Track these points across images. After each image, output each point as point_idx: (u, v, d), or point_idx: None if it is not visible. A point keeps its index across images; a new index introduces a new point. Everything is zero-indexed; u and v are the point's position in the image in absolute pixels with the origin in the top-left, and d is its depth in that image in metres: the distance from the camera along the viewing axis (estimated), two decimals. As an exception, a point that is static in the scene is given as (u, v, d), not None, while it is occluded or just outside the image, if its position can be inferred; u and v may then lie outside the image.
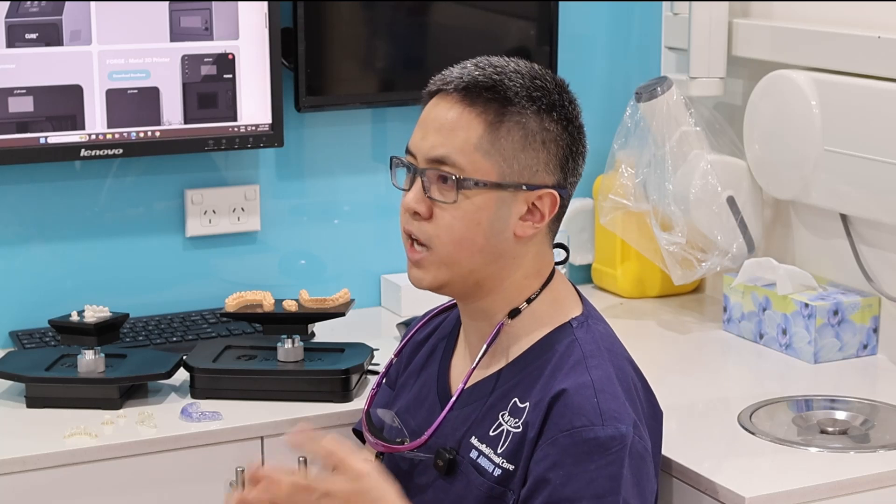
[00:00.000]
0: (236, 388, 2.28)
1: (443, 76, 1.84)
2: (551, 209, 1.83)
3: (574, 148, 1.85)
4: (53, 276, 2.60)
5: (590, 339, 1.83)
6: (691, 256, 2.65)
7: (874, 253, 2.50)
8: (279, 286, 2.71)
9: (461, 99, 1.81)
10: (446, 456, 1.85)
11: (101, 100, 2.49)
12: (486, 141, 1.79)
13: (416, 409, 1.95)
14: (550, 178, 1.83)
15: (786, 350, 2.51)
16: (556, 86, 1.85)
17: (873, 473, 1.99)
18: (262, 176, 2.72)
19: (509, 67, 1.83)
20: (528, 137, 1.80)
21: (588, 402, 1.75)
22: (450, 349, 1.98)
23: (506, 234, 1.82)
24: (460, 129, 1.80)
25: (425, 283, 1.86)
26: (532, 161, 1.81)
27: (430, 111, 1.84)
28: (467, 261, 1.82)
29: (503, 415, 1.83)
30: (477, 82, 1.80)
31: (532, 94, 1.81)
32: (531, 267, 1.86)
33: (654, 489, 1.82)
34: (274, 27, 2.58)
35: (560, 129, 1.83)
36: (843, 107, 2.44)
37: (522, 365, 1.85)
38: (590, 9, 2.93)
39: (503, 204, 1.81)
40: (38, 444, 2.10)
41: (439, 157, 1.80)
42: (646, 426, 1.81)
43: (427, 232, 1.82)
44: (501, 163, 1.80)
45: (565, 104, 1.84)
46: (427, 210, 1.82)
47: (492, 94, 1.80)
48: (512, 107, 1.80)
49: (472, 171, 1.79)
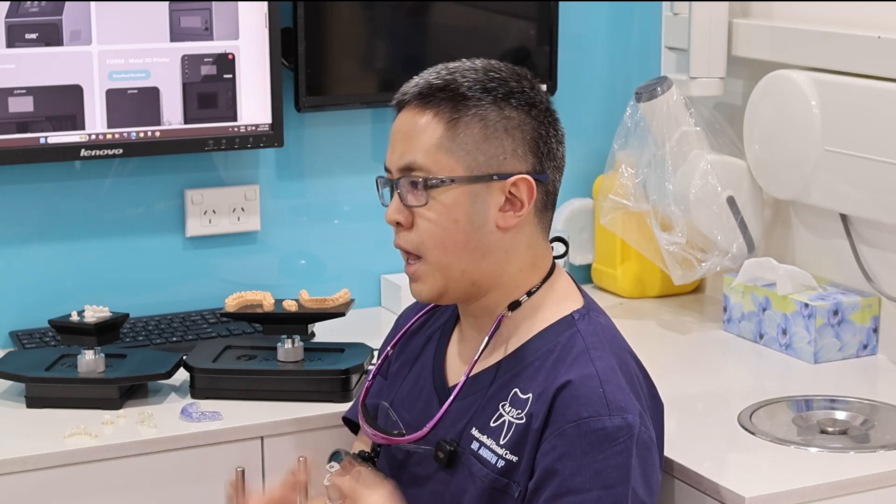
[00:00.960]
0: (236, 388, 2.28)
1: (402, 89, 1.88)
2: (529, 195, 1.83)
3: (543, 131, 1.86)
4: (53, 276, 2.60)
5: (592, 331, 1.84)
6: (691, 256, 2.65)
7: (874, 253, 2.50)
8: (279, 286, 2.71)
9: (418, 104, 1.84)
10: (447, 448, 1.86)
11: (101, 100, 2.49)
12: (447, 139, 1.81)
13: (412, 401, 1.95)
14: (521, 164, 1.83)
15: (786, 350, 2.51)
16: (514, 74, 1.86)
17: (873, 473, 1.99)
18: (262, 176, 2.72)
19: (464, 66, 1.86)
20: (488, 128, 1.82)
21: (594, 393, 1.76)
22: (445, 340, 1.98)
23: (488, 227, 1.83)
24: (422, 132, 1.83)
25: (424, 295, 1.88)
26: (497, 150, 1.82)
27: (396, 125, 1.87)
28: (457, 261, 1.83)
29: (504, 405, 1.83)
30: (431, 85, 1.84)
31: (487, 86, 1.83)
32: (525, 259, 1.87)
33: (659, 479, 1.83)
34: (274, 27, 2.58)
35: (522, 114, 1.84)
36: (843, 107, 2.44)
37: (522, 356, 1.85)
38: (590, 9, 2.93)
39: (477, 198, 1.82)
40: (38, 444, 2.10)
41: (407, 164, 1.84)
42: (650, 417, 1.82)
43: (412, 241, 1.85)
44: (465, 157, 1.81)
45: (525, 90, 1.85)
46: (407, 219, 1.84)
47: (445, 94, 1.83)
48: (467, 101, 1.82)
49: (438, 171, 1.82)
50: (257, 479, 2.19)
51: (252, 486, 2.16)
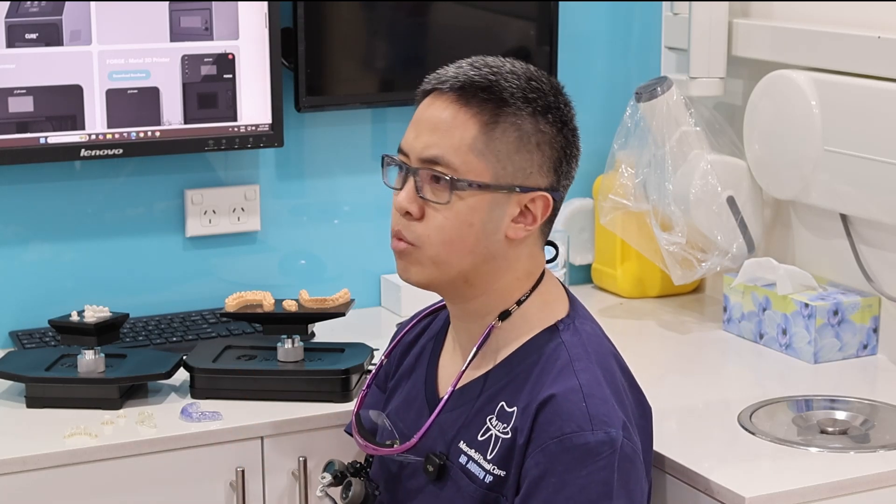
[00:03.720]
0: (236, 388, 2.28)
1: (438, 75, 1.83)
2: (544, 212, 1.83)
3: (568, 151, 1.85)
4: (53, 276, 2.60)
5: (576, 342, 1.83)
6: (691, 256, 2.65)
7: (874, 253, 2.50)
8: (279, 286, 2.71)
9: (456, 99, 1.79)
10: (436, 461, 1.85)
11: (101, 100, 2.49)
12: (481, 142, 1.78)
13: (405, 412, 1.95)
14: (544, 180, 1.82)
15: (786, 350, 2.51)
16: (552, 88, 1.84)
17: (873, 473, 1.99)
18: (262, 176, 2.72)
19: (505, 68, 1.82)
20: (522, 139, 1.80)
21: (577, 408, 1.74)
22: (437, 350, 1.97)
23: (497, 235, 1.81)
24: (455, 129, 1.79)
25: (413, 278, 1.84)
26: (526, 163, 1.80)
27: (424, 110, 1.82)
28: (457, 261, 1.81)
29: (491, 419, 1.82)
30: (473, 82, 1.79)
31: (528, 96, 1.80)
32: (523, 269, 1.86)
33: (644, 490, 1.82)
34: (274, 27, 2.58)
35: (555, 131, 1.82)
36: (843, 107, 2.44)
37: (509, 368, 1.84)
38: (590, 9, 2.93)
39: (496, 205, 1.80)
40: (38, 444, 2.10)
41: (433, 157, 1.79)
42: (635, 425, 1.81)
43: (416, 232, 1.81)
44: (495, 164, 1.79)
45: (560, 106, 1.83)
46: (419, 210, 1.81)
47: (487, 95, 1.79)
48: (507, 108, 1.79)
49: (466, 172, 1.78)
50: (257, 479, 2.19)
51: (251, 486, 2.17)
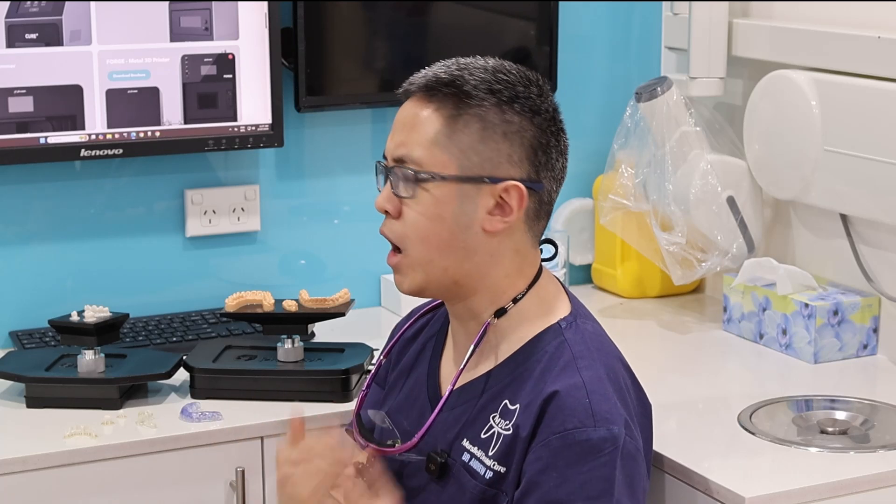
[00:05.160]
0: (236, 388, 2.28)
1: (411, 79, 1.87)
2: (520, 203, 1.82)
3: (544, 140, 1.83)
4: (53, 276, 2.60)
5: (579, 340, 1.83)
6: (691, 256, 2.65)
7: (874, 253, 2.50)
8: (279, 286, 2.71)
9: (423, 97, 1.83)
10: (438, 459, 1.85)
11: (101, 100, 2.49)
12: (443, 134, 1.80)
13: (407, 410, 1.95)
14: (516, 170, 1.82)
15: (786, 350, 2.51)
16: (523, 78, 1.84)
17: (873, 473, 1.99)
18: (262, 176, 2.72)
19: (475, 64, 1.84)
20: (487, 129, 1.80)
21: (580, 404, 1.75)
22: (439, 348, 1.98)
23: (473, 228, 1.82)
24: (420, 125, 1.82)
25: (405, 287, 1.87)
26: (493, 153, 1.81)
27: (398, 113, 1.87)
28: (439, 258, 1.82)
29: (494, 417, 1.82)
30: (438, 79, 1.83)
31: (493, 87, 1.81)
32: (511, 265, 1.86)
33: (646, 488, 1.82)
34: (274, 27, 2.58)
35: (524, 120, 1.82)
36: (843, 107, 2.44)
37: (512, 366, 1.85)
38: (590, 9, 2.93)
39: (466, 198, 1.81)
40: (38, 444, 2.10)
41: (401, 155, 1.83)
42: (637, 424, 1.82)
43: (396, 231, 1.84)
44: (460, 156, 1.80)
45: (531, 96, 1.83)
46: (395, 209, 1.84)
47: (449, 89, 1.81)
48: (470, 100, 1.80)
49: (431, 165, 1.81)
50: (257, 479, 2.19)
51: (252, 486, 2.17)
